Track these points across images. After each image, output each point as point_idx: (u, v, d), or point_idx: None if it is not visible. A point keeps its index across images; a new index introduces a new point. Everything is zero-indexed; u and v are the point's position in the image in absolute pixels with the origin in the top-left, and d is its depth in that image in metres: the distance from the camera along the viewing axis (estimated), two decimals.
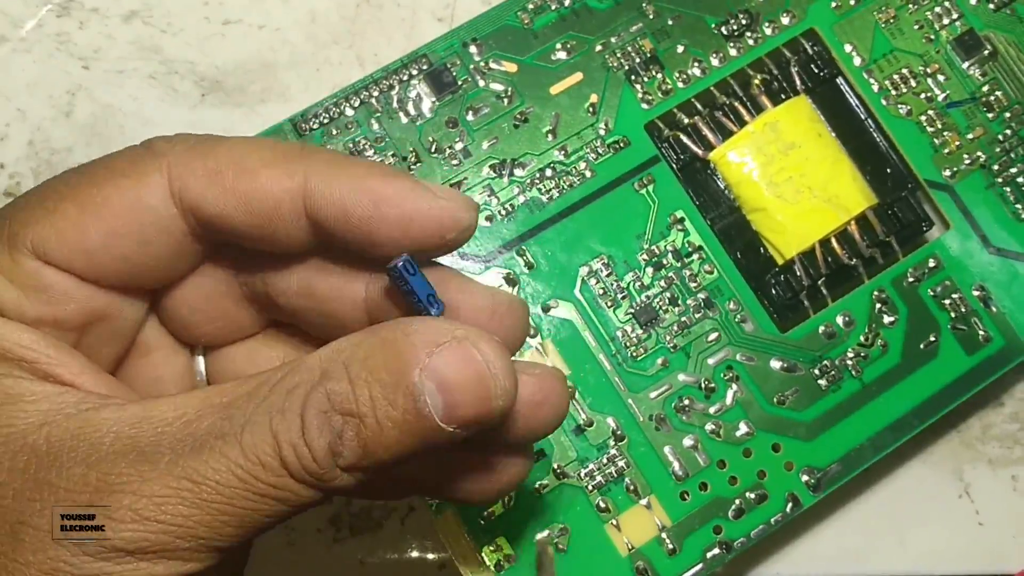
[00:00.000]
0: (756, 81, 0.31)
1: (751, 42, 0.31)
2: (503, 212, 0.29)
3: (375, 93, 0.29)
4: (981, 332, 0.30)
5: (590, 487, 0.28)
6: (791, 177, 0.30)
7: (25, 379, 0.19)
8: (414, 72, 0.30)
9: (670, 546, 0.28)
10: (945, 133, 0.31)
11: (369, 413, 0.18)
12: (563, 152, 0.30)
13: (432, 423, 0.18)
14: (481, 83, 0.30)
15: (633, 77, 0.30)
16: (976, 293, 0.30)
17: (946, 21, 0.32)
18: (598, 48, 0.30)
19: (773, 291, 0.30)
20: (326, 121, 0.29)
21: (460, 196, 0.20)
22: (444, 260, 0.29)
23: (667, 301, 0.29)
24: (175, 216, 0.20)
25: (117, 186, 0.19)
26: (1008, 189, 0.31)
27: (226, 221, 0.20)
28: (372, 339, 0.19)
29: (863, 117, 0.31)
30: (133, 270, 0.20)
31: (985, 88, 0.32)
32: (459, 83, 0.30)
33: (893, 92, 0.31)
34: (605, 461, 0.28)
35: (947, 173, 0.31)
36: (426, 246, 0.20)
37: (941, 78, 0.32)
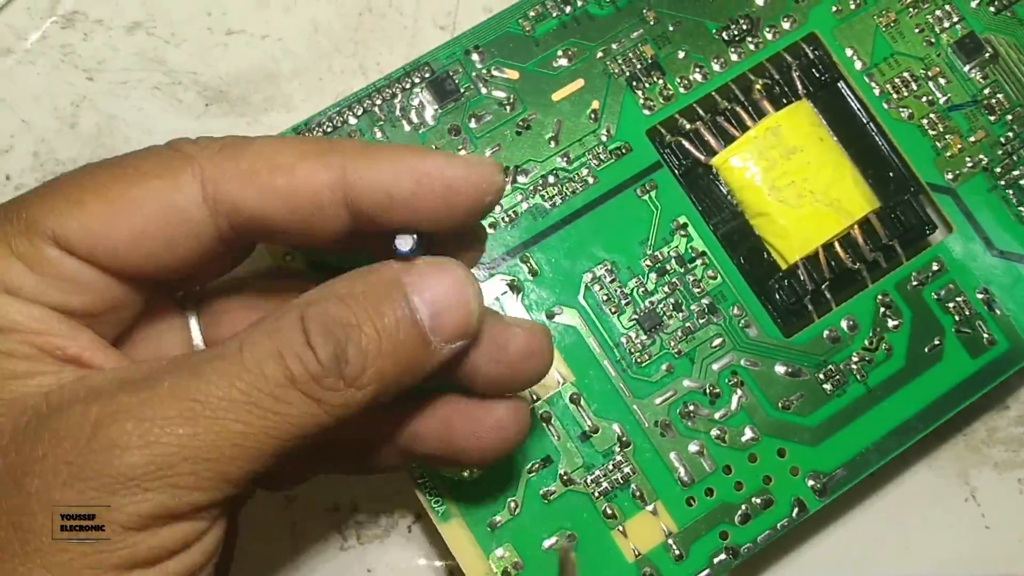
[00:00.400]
0: (757, 86, 0.31)
1: (752, 47, 0.31)
2: (506, 219, 0.29)
3: (378, 101, 0.29)
4: (985, 335, 0.30)
5: (596, 493, 0.28)
6: (793, 181, 0.30)
7: (34, 353, 0.19)
8: (416, 80, 0.30)
9: (676, 552, 0.28)
10: (947, 136, 0.31)
11: (367, 322, 0.19)
12: (565, 159, 0.30)
13: (424, 335, 0.19)
14: (483, 90, 0.30)
15: (634, 83, 0.30)
16: (980, 296, 0.30)
17: (947, 24, 0.32)
18: (599, 54, 0.31)
19: (777, 296, 0.30)
20: (329, 130, 0.29)
21: (488, 160, 0.21)
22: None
23: (671, 307, 0.29)
24: (206, 220, 0.20)
25: (149, 187, 0.19)
26: (1011, 192, 0.31)
27: (265, 220, 0.20)
28: (362, 274, 0.20)
29: (865, 121, 0.31)
30: (154, 268, 0.20)
31: (987, 91, 0.32)
32: (461, 91, 0.30)
33: (894, 96, 0.31)
34: (611, 467, 0.28)
35: (949, 176, 0.31)
36: (467, 213, 0.21)
37: (942, 81, 0.32)
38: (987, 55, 0.32)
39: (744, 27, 0.31)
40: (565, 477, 0.28)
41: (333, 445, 0.23)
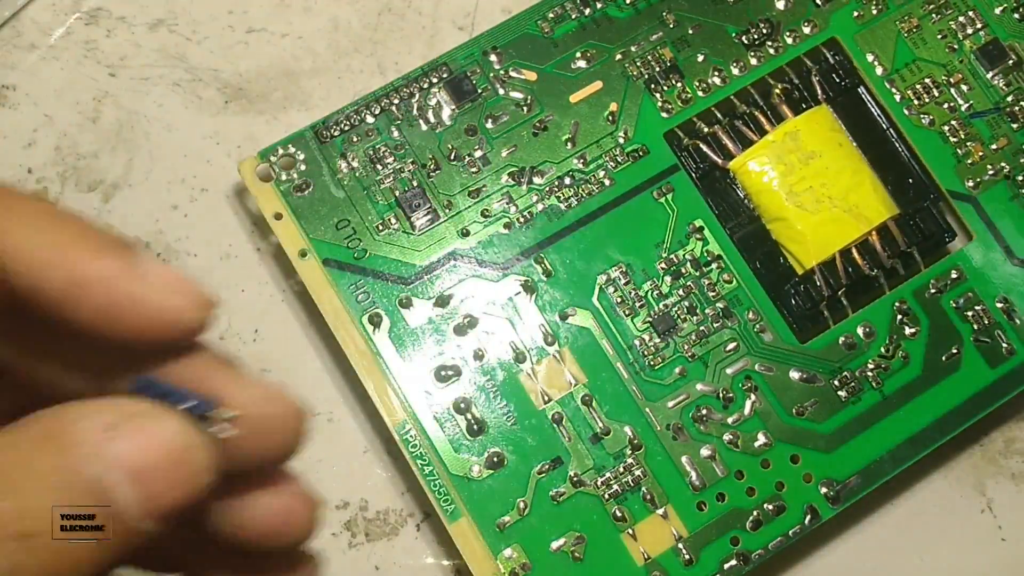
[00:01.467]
0: (777, 90, 0.31)
1: (772, 51, 0.31)
2: (521, 220, 0.29)
3: (396, 101, 0.30)
4: (1004, 344, 0.30)
5: (606, 496, 0.28)
6: (811, 187, 0.29)
7: None
8: (434, 80, 0.30)
9: (686, 556, 0.28)
10: (968, 143, 0.31)
11: (45, 530, 0.14)
12: (582, 160, 0.30)
13: (130, 523, 0.14)
14: (501, 91, 0.30)
15: (653, 86, 0.30)
16: (1000, 305, 0.30)
17: (970, 31, 0.32)
18: (618, 57, 0.30)
19: (792, 301, 0.30)
20: (347, 128, 0.29)
21: (188, 290, 0.16)
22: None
23: (685, 310, 0.29)
24: None
25: None
26: None
27: None
28: (28, 435, 0.14)
29: (885, 127, 0.31)
30: None
31: (1009, 98, 0.31)
32: (479, 91, 0.30)
33: (916, 102, 0.31)
34: (622, 470, 0.28)
35: (970, 184, 0.31)
36: (142, 341, 0.16)
37: (965, 88, 0.31)
38: (1011, 62, 0.31)
39: (764, 31, 0.31)
40: (575, 479, 0.28)
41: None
